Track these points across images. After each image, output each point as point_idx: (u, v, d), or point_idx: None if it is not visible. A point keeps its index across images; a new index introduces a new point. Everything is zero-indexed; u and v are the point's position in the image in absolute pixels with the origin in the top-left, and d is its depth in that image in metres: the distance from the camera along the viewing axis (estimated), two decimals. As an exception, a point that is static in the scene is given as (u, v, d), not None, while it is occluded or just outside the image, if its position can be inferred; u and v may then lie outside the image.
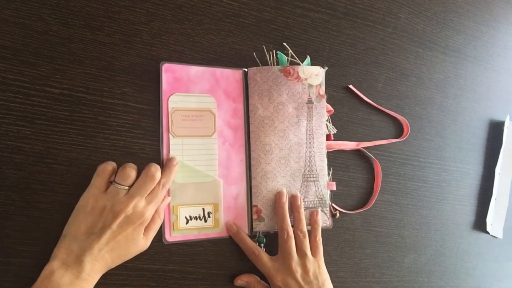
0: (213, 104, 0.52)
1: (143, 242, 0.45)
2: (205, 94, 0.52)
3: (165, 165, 0.48)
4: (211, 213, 0.51)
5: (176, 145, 0.50)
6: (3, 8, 0.45)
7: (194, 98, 0.51)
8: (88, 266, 0.40)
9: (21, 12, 0.46)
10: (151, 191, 0.45)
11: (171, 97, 0.50)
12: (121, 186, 0.43)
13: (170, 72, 0.50)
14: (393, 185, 0.63)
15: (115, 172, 0.45)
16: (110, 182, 0.45)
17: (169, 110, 0.50)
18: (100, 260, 0.41)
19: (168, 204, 0.49)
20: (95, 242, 0.41)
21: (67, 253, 0.40)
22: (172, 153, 0.50)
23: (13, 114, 0.45)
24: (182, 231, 0.49)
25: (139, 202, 0.43)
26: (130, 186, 0.44)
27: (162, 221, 0.48)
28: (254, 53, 0.56)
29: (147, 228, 0.45)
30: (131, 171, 0.44)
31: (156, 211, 0.46)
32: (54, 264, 0.40)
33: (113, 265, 0.43)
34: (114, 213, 0.42)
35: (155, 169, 0.45)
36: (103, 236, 0.41)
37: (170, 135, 0.50)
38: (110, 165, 0.45)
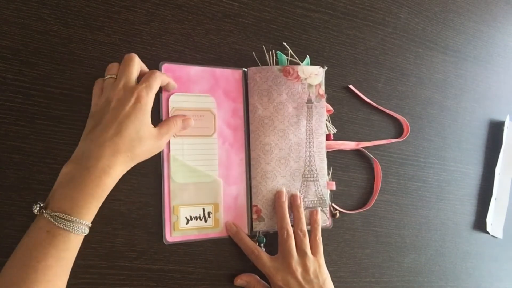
0: (213, 104, 0.52)
1: (154, 135, 0.43)
2: (205, 94, 0.52)
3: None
4: (211, 213, 0.51)
5: (176, 145, 0.50)
6: (3, 8, 0.45)
7: (194, 98, 0.51)
8: (105, 155, 0.39)
9: (21, 12, 0.46)
10: (144, 77, 0.44)
11: (171, 97, 0.50)
12: (108, 77, 0.44)
13: (170, 72, 0.50)
14: (393, 185, 0.63)
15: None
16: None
17: (170, 109, 0.50)
18: (112, 146, 0.39)
19: (169, 205, 0.49)
20: (98, 129, 0.40)
21: (78, 153, 0.40)
22: (172, 153, 0.50)
23: (13, 114, 0.45)
24: (182, 231, 0.49)
25: (127, 83, 0.42)
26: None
27: (176, 128, 0.47)
28: (254, 53, 0.56)
29: (160, 123, 0.45)
30: (113, 64, 0.45)
31: (174, 117, 0.47)
32: (69, 165, 0.39)
33: (135, 158, 0.42)
34: (107, 101, 0.42)
35: (131, 53, 0.44)
36: (103, 121, 0.40)
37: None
38: (101, 78, 0.46)
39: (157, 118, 0.50)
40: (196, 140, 0.51)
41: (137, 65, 0.44)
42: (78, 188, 0.38)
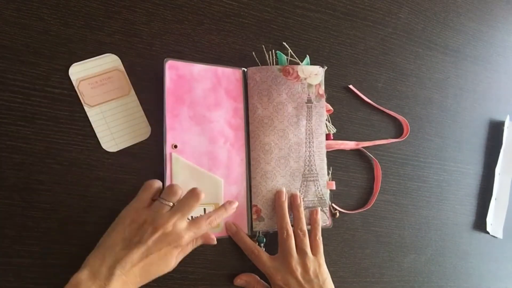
0: (117, 62, 0.49)
1: (172, 263, 0.43)
2: (105, 54, 0.49)
3: (223, 204, 0.48)
4: (211, 213, 0.51)
5: (96, 116, 0.48)
6: (3, 8, 0.45)
7: (94, 62, 0.48)
8: (117, 280, 0.38)
9: (21, 12, 0.46)
10: (196, 219, 0.44)
11: (70, 68, 0.47)
12: (165, 202, 0.43)
13: (173, 69, 0.50)
14: (393, 185, 0.63)
15: (160, 191, 0.45)
16: (153, 200, 0.45)
17: (73, 82, 0.47)
18: (130, 275, 0.39)
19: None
20: (129, 255, 0.39)
21: (100, 263, 0.39)
22: (94, 124, 0.48)
23: (13, 114, 0.45)
24: (182, 231, 0.49)
25: (180, 222, 0.42)
26: (173, 205, 0.44)
27: (194, 247, 0.46)
28: (254, 53, 0.56)
29: (182, 250, 0.45)
30: (178, 189, 0.44)
31: (197, 236, 0.45)
32: (83, 274, 0.38)
33: (140, 284, 0.41)
34: (153, 228, 0.41)
35: (200, 190, 0.44)
36: (138, 250, 0.40)
37: (86, 107, 0.47)
38: (157, 183, 0.45)
39: (158, 118, 0.50)
40: (114, 103, 0.49)
41: (199, 205, 0.44)
42: None
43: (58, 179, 0.46)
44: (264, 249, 0.51)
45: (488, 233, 0.71)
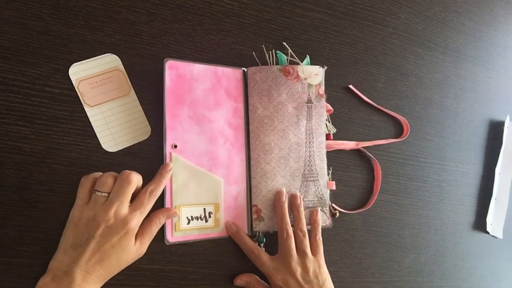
0: (117, 62, 0.49)
1: (136, 249, 0.43)
2: (105, 54, 0.49)
3: (157, 172, 0.47)
4: (211, 213, 0.51)
5: (96, 116, 0.48)
6: (3, 8, 0.45)
7: (94, 62, 0.48)
8: (79, 277, 0.39)
9: (21, 12, 0.46)
10: (137, 198, 0.44)
11: (70, 68, 0.47)
12: (100, 193, 0.42)
13: (173, 69, 0.50)
14: (393, 185, 0.63)
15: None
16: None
17: (73, 82, 0.47)
18: (92, 271, 0.40)
19: (170, 205, 0.49)
20: (81, 254, 0.40)
21: (58, 266, 0.40)
22: (94, 124, 0.48)
23: (13, 114, 0.45)
24: (183, 231, 0.49)
25: (120, 209, 0.42)
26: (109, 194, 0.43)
27: (159, 227, 0.46)
28: (254, 53, 0.56)
29: (141, 233, 0.44)
30: (107, 177, 0.43)
31: (155, 216, 0.45)
32: (47, 277, 0.39)
33: (110, 275, 0.42)
34: (96, 223, 0.41)
35: (129, 172, 0.43)
36: (88, 248, 0.40)
37: (86, 107, 0.47)
38: (92, 175, 0.44)
39: (158, 117, 0.50)
40: (114, 104, 0.49)
41: (133, 188, 0.43)
42: None
43: (58, 179, 0.46)
44: (264, 249, 0.51)
45: (488, 233, 0.71)
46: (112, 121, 0.48)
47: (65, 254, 0.41)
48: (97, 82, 0.48)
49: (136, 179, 0.43)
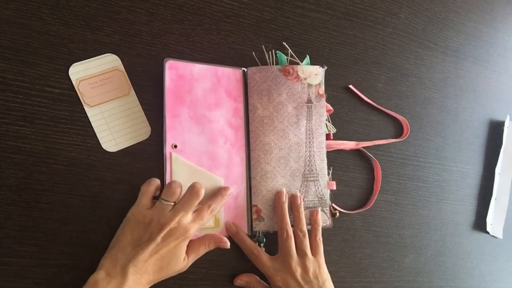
0: (117, 62, 0.49)
1: (184, 261, 0.45)
2: (105, 54, 0.49)
3: (217, 191, 0.50)
4: (211, 213, 0.51)
5: (96, 116, 0.48)
6: (3, 8, 0.45)
7: (94, 62, 0.48)
8: (131, 277, 0.40)
9: (21, 12, 0.46)
10: (198, 211, 0.46)
11: (70, 68, 0.47)
12: (167, 202, 0.45)
13: (173, 69, 0.50)
14: (393, 185, 0.63)
15: (159, 189, 0.47)
16: (155, 199, 0.46)
17: (73, 82, 0.47)
18: (143, 273, 0.41)
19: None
20: (140, 253, 0.41)
21: (113, 264, 0.41)
22: (94, 124, 0.48)
23: (13, 114, 0.45)
24: (182, 231, 0.49)
25: (184, 217, 0.44)
26: (175, 203, 0.45)
27: (206, 250, 0.48)
28: (254, 53, 0.56)
29: (190, 249, 0.46)
30: (176, 187, 0.45)
31: (207, 238, 0.48)
32: (99, 274, 0.40)
33: (154, 281, 0.44)
34: (160, 226, 0.42)
35: (200, 186, 0.46)
36: (148, 248, 0.42)
37: (86, 107, 0.48)
38: (153, 185, 0.47)
39: (158, 117, 0.50)
40: (114, 103, 0.49)
41: (199, 200, 0.45)
42: None
43: (58, 179, 0.46)
44: (264, 249, 0.51)
45: (488, 233, 0.71)
46: (112, 121, 0.48)
47: (122, 253, 0.42)
48: (97, 82, 0.48)
49: (203, 194, 0.46)
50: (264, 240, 0.52)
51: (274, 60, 0.56)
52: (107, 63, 0.49)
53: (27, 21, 0.46)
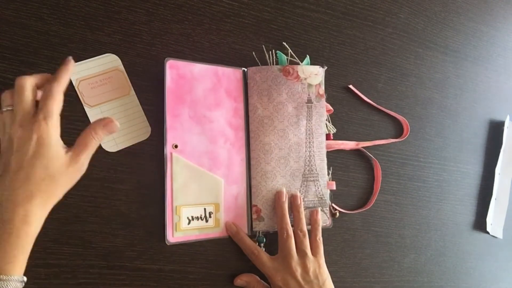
0: (117, 62, 0.49)
1: (68, 160, 0.38)
2: (105, 54, 0.49)
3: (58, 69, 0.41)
4: (212, 213, 0.51)
5: (96, 116, 0.47)
6: (3, 8, 0.45)
7: (94, 62, 0.48)
8: (13, 205, 0.35)
9: (21, 12, 0.46)
10: (41, 101, 0.38)
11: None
12: (5, 109, 0.39)
13: (174, 69, 0.50)
14: (393, 185, 0.63)
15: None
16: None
17: (74, 82, 0.46)
18: (25, 193, 0.36)
19: (171, 205, 0.49)
20: (8, 177, 0.36)
21: None
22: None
23: (13, 114, 0.45)
24: (184, 231, 0.49)
25: (25, 117, 0.37)
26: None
27: (96, 140, 0.40)
28: (254, 53, 0.56)
29: (76, 145, 0.39)
30: (6, 91, 0.40)
31: (90, 127, 0.40)
32: None
33: (45, 194, 0.37)
34: (10, 139, 0.37)
35: (20, 77, 0.38)
36: (11, 167, 0.36)
37: (86, 107, 0.47)
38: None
39: (158, 117, 0.50)
40: (114, 103, 0.48)
41: (29, 91, 0.38)
42: (6, 245, 0.35)
43: (58, 179, 0.46)
44: (264, 249, 0.51)
45: (488, 233, 0.71)
46: None
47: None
48: (97, 82, 0.48)
49: (28, 83, 0.38)
50: (264, 240, 0.52)
51: (274, 60, 0.56)
52: (107, 63, 0.49)
53: (27, 21, 0.46)
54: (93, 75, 0.48)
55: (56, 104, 0.38)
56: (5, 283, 0.34)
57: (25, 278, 0.36)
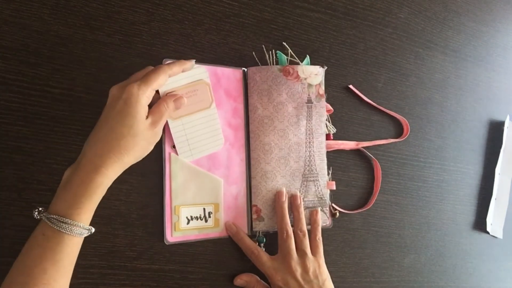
0: (205, 74, 0.49)
1: (149, 125, 0.41)
2: (195, 65, 0.48)
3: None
4: (211, 213, 0.51)
5: (176, 127, 0.49)
6: (3, 8, 0.45)
7: (182, 74, 0.47)
8: (90, 154, 0.38)
9: (21, 12, 0.46)
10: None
11: None
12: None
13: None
14: (393, 185, 0.63)
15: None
16: None
17: (161, 95, 0.46)
18: (104, 145, 0.39)
19: (170, 205, 0.49)
20: (95, 129, 0.40)
21: (79, 155, 0.41)
22: (174, 136, 0.49)
23: (13, 114, 0.45)
24: (183, 231, 0.49)
25: (127, 82, 0.41)
26: None
27: (168, 109, 0.44)
28: (254, 53, 0.56)
29: (152, 112, 0.42)
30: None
31: (163, 99, 0.44)
32: (67, 170, 0.40)
33: (124, 151, 0.40)
34: (108, 99, 0.41)
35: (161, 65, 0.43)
36: (100, 121, 0.40)
37: (168, 120, 0.48)
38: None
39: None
40: (196, 116, 0.49)
41: (146, 71, 0.42)
42: (71, 189, 0.38)
43: (58, 179, 0.45)
44: (264, 249, 0.51)
45: (488, 233, 0.71)
46: (191, 133, 0.50)
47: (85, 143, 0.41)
48: (183, 95, 0.47)
49: (163, 73, 0.42)
50: (264, 240, 0.52)
51: (274, 60, 0.56)
52: (195, 75, 0.48)
53: (27, 21, 0.46)
54: (180, 87, 0.47)
55: (155, 77, 0.41)
56: (69, 227, 0.36)
57: (92, 228, 0.38)
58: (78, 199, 0.37)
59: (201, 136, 0.50)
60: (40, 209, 0.38)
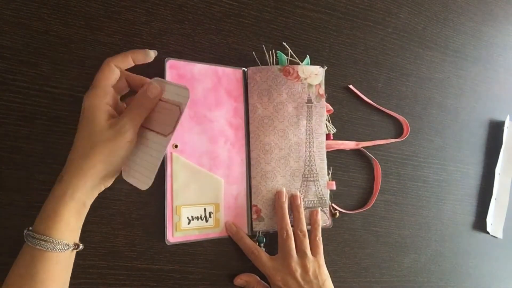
0: (185, 99, 0.41)
1: (106, 133, 0.38)
2: (183, 86, 0.41)
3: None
4: (212, 213, 0.51)
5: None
6: (3, 8, 0.45)
7: (172, 87, 0.42)
8: (63, 173, 0.38)
9: (21, 12, 0.46)
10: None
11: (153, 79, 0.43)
12: None
13: (174, 69, 0.50)
14: (393, 185, 0.63)
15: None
16: None
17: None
18: (72, 164, 0.38)
19: (171, 205, 0.49)
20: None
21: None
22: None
23: (13, 114, 0.45)
24: (184, 231, 0.49)
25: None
26: None
27: (151, 102, 0.41)
28: (254, 53, 0.56)
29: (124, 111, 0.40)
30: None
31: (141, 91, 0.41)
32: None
33: (91, 162, 0.38)
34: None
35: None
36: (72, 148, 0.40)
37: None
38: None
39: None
40: (148, 135, 0.42)
41: (102, 72, 0.40)
42: (46, 207, 0.38)
43: (58, 179, 0.46)
44: (264, 249, 0.51)
45: (488, 233, 0.71)
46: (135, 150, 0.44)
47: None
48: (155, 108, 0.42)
49: (109, 67, 0.40)
50: (264, 240, 0.52)
51: (274, 60, 0.56)
52: (178, 95, 0.42)
53: (27, 21, 0.46)
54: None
55: (99, 74, 0.40)
56: (47, 244, 0.37)
57: (66, 241, 0.38)
58: (53, 216, 0.37)
59: (138, 160, 0.43)
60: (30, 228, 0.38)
